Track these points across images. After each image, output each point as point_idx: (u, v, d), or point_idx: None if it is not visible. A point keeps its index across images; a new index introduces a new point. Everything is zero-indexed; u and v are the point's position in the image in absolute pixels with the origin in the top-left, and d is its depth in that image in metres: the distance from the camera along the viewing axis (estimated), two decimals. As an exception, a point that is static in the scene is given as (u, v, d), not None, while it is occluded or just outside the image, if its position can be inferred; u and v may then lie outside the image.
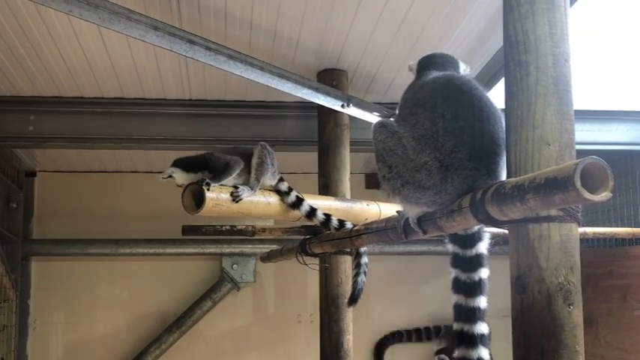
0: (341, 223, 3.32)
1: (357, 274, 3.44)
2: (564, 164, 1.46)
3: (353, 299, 3.46)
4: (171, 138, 4.30)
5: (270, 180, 3.10)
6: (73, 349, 5.59)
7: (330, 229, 3.38)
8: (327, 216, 3.32)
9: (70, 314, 5.61)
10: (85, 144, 4.38)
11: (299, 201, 3.22)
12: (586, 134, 4.32)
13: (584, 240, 4.12)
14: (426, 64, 2.35)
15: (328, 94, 3.65)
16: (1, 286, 4.74)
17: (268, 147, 3.08)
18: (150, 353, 5.46)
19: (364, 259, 3.45)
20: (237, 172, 2.89)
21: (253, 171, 2.99)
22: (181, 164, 2.88)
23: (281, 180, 3.18)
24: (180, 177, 2.84)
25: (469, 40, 3.57)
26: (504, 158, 1.89)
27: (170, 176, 2.85)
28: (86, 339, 5.60)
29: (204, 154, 2.98)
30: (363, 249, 3.45)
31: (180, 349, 5.58)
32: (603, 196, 1.34)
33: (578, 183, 1.32)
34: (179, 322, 5.55)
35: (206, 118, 4.30)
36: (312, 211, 3.27)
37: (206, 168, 2.89)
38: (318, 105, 3.73)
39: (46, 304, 5.58)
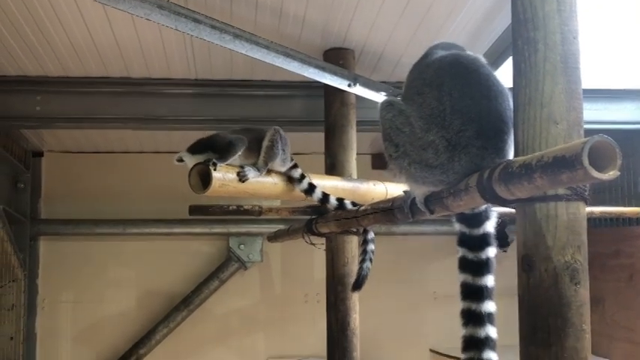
0: (356, 206, 3.31)
1: (362, 261, 3.43)
2: (572, 143, 1.45)
3: (357, 285, 3.46)
4: (177, 118, 4.30)
5: (279, 166, 3.06)
6: (81, 328, 5.63)
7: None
8: (340, 201, 3.30)
9: (78, 293, 5.65)
10: (91, 124, 4.39)
11: (311, 188, 3.20)
12: (594, 113, 4.29)
13: (591, 219, 4.11)
14: (432, 47, 2.33)
15: (335, 73, 3.64)
16: (9, 266, 4.77)
17: (282, 132, 3.04)
18: (158, 332, 5.51)
19: (371, 246, 3.44)
20: (241, 150, 2.87)
21: (263, 153, 2.97)
22: (189, 147, 2.88)
23: (294, 167, 3.15)
24: (189, 160, 2.83)
25: (476, 19, 3.54)
26: (512, 137, 1.88)
27: (181, 160, 2.85)
28: (95, 318, 5.64)
29: (211, 135, 2.97)
30: (370, 236, 3.43)
31: (189, 328, 5.62)
32: (611, 174, 1.33)
33: (586, 161, 1.31)
34: (187, 301, 5.59)
35: (212, 98, 4.29)
36: (325, 197, 3.26)
37: (211, 149, 2.88)
38: (325, 84, 3.72)
39: (55, 284, 5.62)
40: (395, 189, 3.38)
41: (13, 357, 4.84)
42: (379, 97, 3.81)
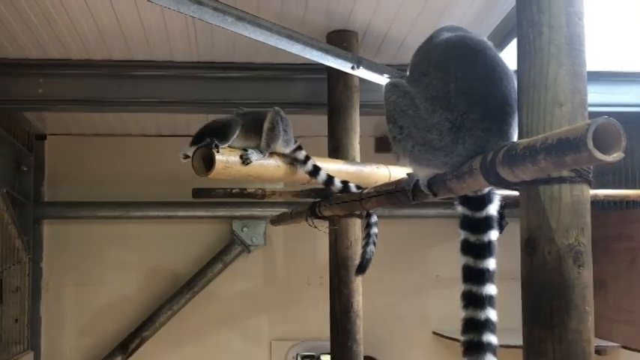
0: (360, 190, 3.30)
1: (366, 244, 3.44)
2: (577, 125, 1.44)
3: (361, 269, 3.47)
4: (179, 101, 4.29)
5: (282, 147, 3.05)
6: (86, 310, 5.67)
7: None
8: (345, 184, 3.29)
9: (82, 276, 5.67)
10: (94, 107, 4.39)
11: (316, 170, 3.20)
12: (598, 96, 4.26)
13: (595, 202, 4.10)
14: (438, 29, 2.31)
15: (338, 55, 3.61)
16: (13, 249, 4.79)
17: (282, 113, 3.04)
18: (162, 314, 5.54)
19: (374, 230, 3.44)
20: (237, 130, 2.86)
21: (264, 135, 2.96)
22: (190, 142, 2.86)
23: (299, 148, 3.15)
24: (190, 152, 2.82)
25: (480, 1, 3.52)
26: (516, 119, 1.87)
27: (187, 156, 2.83)
28: (99, 300, 5.67)
29: (207, 123, 2.95)
30: (373, 219, 3.43)
31: (192, 310, 5.65)
32: (615, 156, 1.33)
33: (590, 143, 1.30)
34: (190, 283, 5.61)
35: (214, 81, 4.28)
36: (330, 180, 3.25)
37: (209, 135, 2.87)
38: (328, 67, 3.70)
39: (59, 267, 5.64)
40: (398, 172, 3.38)
41: (18, 339, 4.87)
42: (382, 80, 3.79)
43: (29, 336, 5.09)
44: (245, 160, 2.86)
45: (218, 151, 2.72)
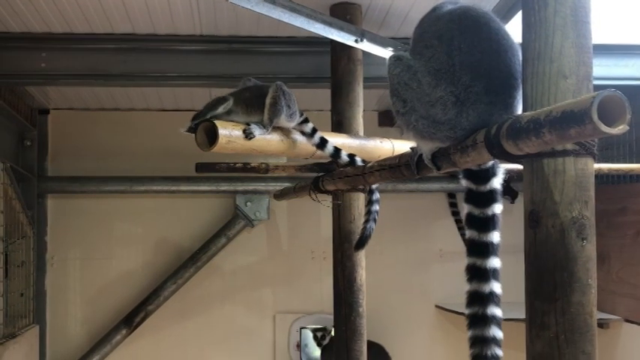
0: (365, 164, 3.30)
1: (366, 221, 3.44)
2: (581, 97, 1.43)
3: (360, 244, 3.48)
4: (182, 75, 4.28)
5: (286, 122, 3.04)
6: (90, 284, 5.70)
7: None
8: (351, 157, 3.29)
9: (87, 251, 5.70)
10: (97, 81, 4.37)
11: (323, 142, 3.20)
12: (603, 69, 4.24)
13: (599, 176, 4.10)
14: (441, 2, 2.29)
15: (341, 28, 3.59)
16: (18, 223, 4.81)
17: (284, 87, 3.02)
18: (166, 288, 5.57)
19: (375, 207, 3.44)
20: (230, 102, 2.86)
21: (266, 110, 2.95)
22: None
23: (305, 121, 3.14)
24: (188, 126, 2.82)
25: (486, -27, 3.49)
26: (521, 93, 1.86)
27: (190, 129, 2.83)
28: (103, 275, 5.71)
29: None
30: (375, 196, 3.43)
31: (196, 284, 5.69)
32: (620, 129, 1.32)
33: (595, 116, 1.30)
34: (194, 257, 5.64)
35: (217, 55, 4.26)
36: (337, 152, 3.25)
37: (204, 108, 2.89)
38: (331, 40, 3.67)
39: (63, 241, 5.67)
40: (402, 146, 3.37)
41: (23, 313, 4.91)
42: (386, 53, 3.77)
43: (34, 310, 5.13)
44: (248, 135, 2.86)
45: (211, 121, 2.73)
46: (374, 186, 3.43)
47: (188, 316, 5.73)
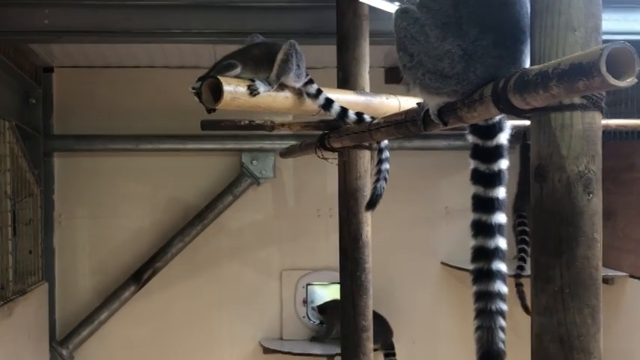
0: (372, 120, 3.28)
1: (377, 180, 3.43)
2: (590, 50, 1.41)
3: (371, 204, 3.48)
4: (187, 31, 4.23)
5: (293, 81, 3.03)
6: (98, 242, 5.74)
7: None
8: (359, 115, 3.26)
9: (94, 209, 5.73)
10: (101, 37, 4.32)
11: (328, 103, 3.18)
12: (612, 23, 4.16)
13: (607, 132, 4.07)
14: None
15: (347, -19, 3.54)
16: (25, 181, 4.82)
17: (297, 47, 3.00)
18: (174, 245, 5.61)
19: (385, 166, 3.42)
20: (232, 70, 2.85)
21: (276, 67, 2.94)
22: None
23: (310, 82, 3.12)
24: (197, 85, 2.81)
25: None
26: (529, 46, 1.84)
27: (194, 90, 2.82)
28: (111, 232, 5.74)
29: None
30: (385, 155, 3.42)
31: (204, 242, 5.72)
32: (628, 81, 1.31)
33: (603, 68, 1.29)
34: (201, 215, 5.66)
35: (222, 10, 4.19)
36: (343, 112, 3.23)
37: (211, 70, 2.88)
38: (337, -6, 3.62)
39: (71, 199, 5.70)
40: (408, 103, 3.35)
41: (32, 270, 4.96)
42: (393, 7, 3.71)
43: (43, 267, 5.18)
44: (253, 91, 2.84)
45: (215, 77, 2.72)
46: (383, 144, 3.42)
47: (196, 273, 5.78)
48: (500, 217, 2.03)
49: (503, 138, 2.05)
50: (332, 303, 5.48)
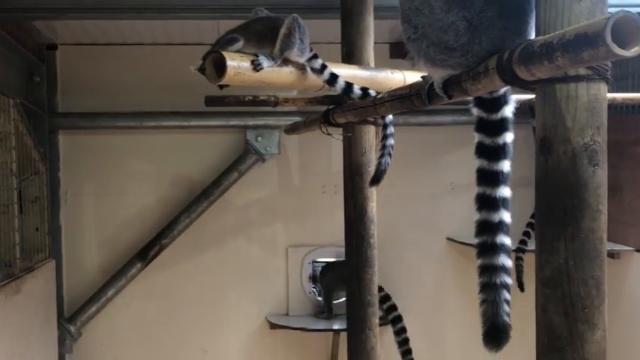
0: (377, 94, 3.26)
1: (381, 156, 3.42)
2: (595, 19, 1.40)
3: (376, 179, 3.47)
4: (190, 7, 4.21)
5: (296, 56, 3.01)
6: (104, 219, 5.77)
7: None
8: (364, 90, 3.24)
9: (100, 186, 5.75)
10: (104, 14, 4.31)
11: (333, 78, 3.16)
12: (619, -5, 4.13)
13: (613, 106, 4.04)
14: None
15: (351, -46, 3.50)
16: (30, 159, 4.83)
17: (300, 21, 2.98)
18: (180, 222, 5.63)
19: (390, 141, 3.41)
20: (234, 44, 2.83)
21: (279, 41, 2.92)
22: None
23: (314, 57, 3.10)
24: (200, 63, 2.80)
25: None
26: (534, 18, 1.82)
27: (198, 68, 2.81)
28: (117, 209, 5.76)
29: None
30: (390, 130, 3.40)
31: (210, 219, 5.74)
32: (634, 50, 1.30)
33: (608, 38, 1.28)
34: (207, 192, 5.67)
35: (225, -15, 4.18)
36: (349, 87, 3.21)
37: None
38: (341, -32, 3.59)
39: (76, 177, 5.71)
40: (413, 77, 3.32)
41: (39, 247, 4.99)
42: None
43: (50, 244, 5.20)
44: (256, 66, 2.83)
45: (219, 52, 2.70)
46: (388, 120, 3.41)
47: (202, 249, 5.81)
48: (505, 191, 2.03)
49: (508, 111, 2.04)
50: (326, 266, 5.57)
